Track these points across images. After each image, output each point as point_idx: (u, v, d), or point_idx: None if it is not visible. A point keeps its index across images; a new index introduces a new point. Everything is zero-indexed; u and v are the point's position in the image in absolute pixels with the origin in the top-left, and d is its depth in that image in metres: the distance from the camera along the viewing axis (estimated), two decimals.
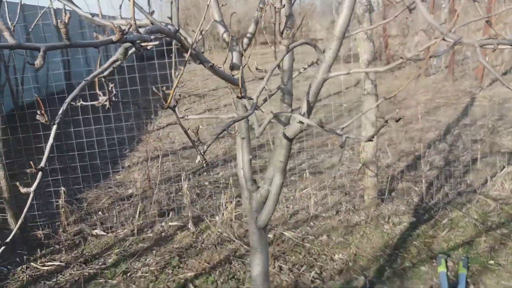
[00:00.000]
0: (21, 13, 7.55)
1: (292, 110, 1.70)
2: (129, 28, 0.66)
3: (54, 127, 0.83)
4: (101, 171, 5.02)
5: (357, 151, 4.93)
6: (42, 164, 0.85)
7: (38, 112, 0.85)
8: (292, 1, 1.67)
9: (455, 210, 3.71)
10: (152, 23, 1.21)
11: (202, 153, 1.09)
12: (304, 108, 1.46)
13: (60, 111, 0.85)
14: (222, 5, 1.98)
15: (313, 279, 2.93)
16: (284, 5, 1.48)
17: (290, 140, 1.54)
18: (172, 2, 1.70)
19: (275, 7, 1.53)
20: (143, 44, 0.67)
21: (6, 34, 0.50)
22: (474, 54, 9.30)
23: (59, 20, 0.54)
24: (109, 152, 5.83)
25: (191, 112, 8.54)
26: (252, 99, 1.25)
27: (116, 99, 1.76)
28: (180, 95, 1.15)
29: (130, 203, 4.23)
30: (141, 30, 0.93)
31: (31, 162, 0.92)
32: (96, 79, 1.65)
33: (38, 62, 0.52)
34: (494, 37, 1.03)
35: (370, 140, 1.13)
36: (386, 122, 1.03)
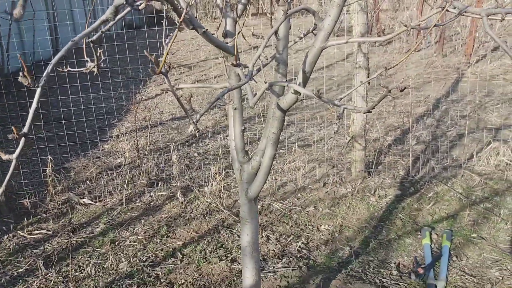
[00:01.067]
0: None
1: (287, 80, 1.68)
2: None
3: (38, 90, 0.80)
4: (89, 140, 4.97)
5: (346, 124, 4.95)
6: (25, 129, 0.82)
7: (21, 74, 0.81)
8: None
9: (440, 184, 3.78)
10: None
11: (195, 122, 1.07)
12: (300, 78, 1.44)
13: (45, 73, 0.82)
14: None
15: (300, 249, 2.98)
16: None
17: (284, 111, 1.53)
18: None
19: None
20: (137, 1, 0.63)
21: None
22: (464, 31, 9.29)
23: None
24: (97, 122, 5.76)
25: (180, 82, 8.43)
26: (247, 67, 1.22)
27: (105, 66, 1.71)
28: (170, 64, 1.12)
29: (119, 172, 4.21)
30: None
31: (13, 127, 0.89)
32: (84, 44, 1.60)
33: (17, 11, 0.49)
34: (501, 6, 1.02)
35: (369, 111, 1.12)
36: (389, 91, 1.02)
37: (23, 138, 0.80)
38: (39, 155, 4.47)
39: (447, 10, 1.29)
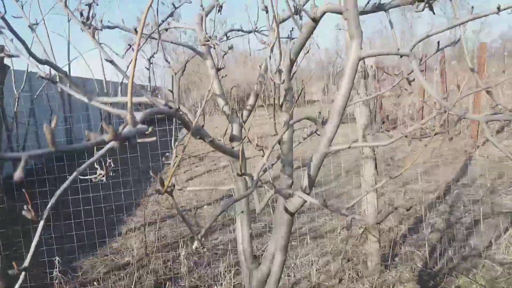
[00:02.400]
0: (27, 81, 7.75)
1: (292, 182, 1.68)
2: (123, 127, 0.65)
3: (41, 223, 0.80)
4: (98, 239, 4.90)
5: (357, 212, 4.86)
6: (26, 263, 0.81)
7: (25, 207, 0.82)
8: (291, 75, 1.70)
9: (461, 276, 3.59)
10: (153, 104, 1.23)
11: (200, 238, 1.05)
12: (305, 182, 1.44)
13: (49, 205, 0.83)
14: (222, 76, 2.02)
15: None
16: (283, 81, 1.51)
17: (292, 214, 1.51)
18: (173, 76, 1.74)
19: (274, 82, 1.56)
20: (139, 140, 0.65)
21: None
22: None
23: (44, 125, 0.53)
24: (106, 218, 5.73)
25: (190, 174, 8.53)
26: (252, 176, 1.23)
27: (114, 174, 1.74)
28: (174, 184, 1.13)
29: (126, 272, 4.08)
30: (139, 116, 0.93)
31: (13, 263, 0.87)
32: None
33: (17, 174, 0.50)
34: (496, 109, 1.04)
35: (378, 223, 1.10)
36: (395, 208, 1.01)
37: (22, 273, 0.79)
38: (46, 255, 4.38)
39: (447, 113, 1.33)
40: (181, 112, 1.44)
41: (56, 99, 10.20)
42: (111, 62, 1.17)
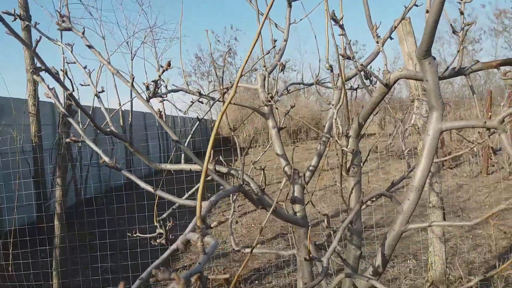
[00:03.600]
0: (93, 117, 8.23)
1: (361, 253, 1.56)
2: (202, 245, 0.59)
3: None
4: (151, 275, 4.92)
5: (421, 261, 4.54)
6: None
7: None
8: (359, 138, 1.60)
9: None
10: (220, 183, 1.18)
11: None
12: (378, 261, 1.32)
13: None
14: (280, 135, 1.96)
15: None
16: (353, 150, 1.41)
17: None
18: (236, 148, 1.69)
19: (342, 148, 1.47)
20: (209, 277, 0.59)
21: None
22: None
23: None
24: (161, 252, 5.75)
25: (243, 209, 8.49)
26: (321, 261, 1.13)
27: (173, 237, 1.71)
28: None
29: None
30: (205, 206, 0.87)
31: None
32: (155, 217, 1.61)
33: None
34: None
35: None
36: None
37: None
38: None
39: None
40: (244, 184, 1.38)
41: (119, 142, 10.72)
42: (177, 141, 1.14)
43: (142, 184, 1.07)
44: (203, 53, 25.37)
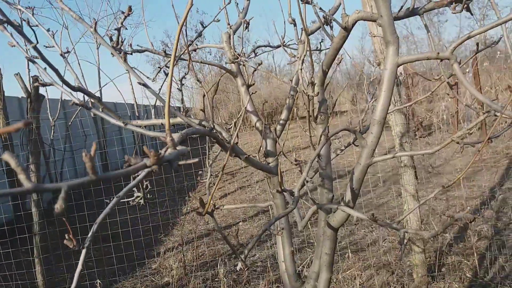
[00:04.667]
0: (62, 109, 8.04)
1: (333, 196, 1.63)
2: (165, 150, 0.63)
3: (83, 252, 0.79)
4: (137, 260, 4.94)
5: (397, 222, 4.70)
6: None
7: (66, 236, 0.81)
8: (325, 87, 1.66)
9: None
10: (187, 124, 1.21)
11: (244, 259, 1.02)
12: (348, 196, 1.39)
13: (90, 234, 0.82)
14: (253, 93, 2.00)
15: None
16: (317, 93, 1.47)
17: (335, 229, 1.45)
18: (204, 96, 1.72)
19: (308, 95, 1.53)
20: (181, 162, 0.63)
21: (22, 177, 0.47)
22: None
23: (83, 153, 0.52)
24: (144, 239, 5.78)
25: (223, 191, 8.54)
26: (293, 192, 1.19)
27: (151, 196, 1.74)
28: (215, 205, 1.11)
29: None
30: (177, 137, 0.91)
31: None
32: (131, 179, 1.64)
33: (58, 205, 0.48)
34: None
35: (434, 236, 1.04)
36: (455, 220, 0.95)
37: None
38: (88, 279, 4.45)
39: (496, 115, 1.25)
40: (215, 131, 1.42)
41: (91, 125, 10.49)
42: (144, 85, 1.17)
43: (113, 120, 1.09)
44: (171, 39, 25.02)
